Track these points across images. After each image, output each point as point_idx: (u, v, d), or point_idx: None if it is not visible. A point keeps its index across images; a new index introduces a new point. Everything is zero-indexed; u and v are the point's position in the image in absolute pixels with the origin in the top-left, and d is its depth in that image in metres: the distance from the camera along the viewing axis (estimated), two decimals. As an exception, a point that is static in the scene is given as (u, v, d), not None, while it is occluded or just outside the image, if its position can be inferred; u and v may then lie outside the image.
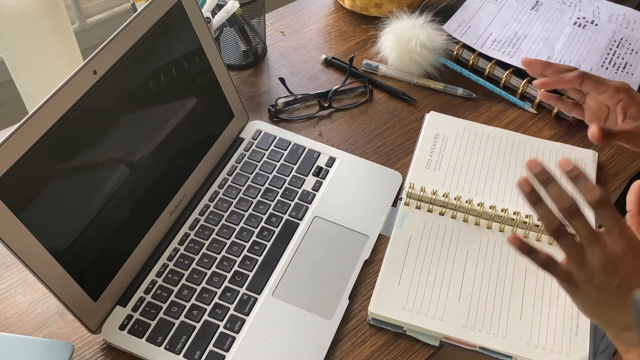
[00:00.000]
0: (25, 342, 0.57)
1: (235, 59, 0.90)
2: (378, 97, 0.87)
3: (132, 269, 0.64)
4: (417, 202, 0.72)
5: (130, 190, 0.63)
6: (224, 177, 0.74)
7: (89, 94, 0.57)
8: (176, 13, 0.67)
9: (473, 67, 0.90)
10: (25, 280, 0.66)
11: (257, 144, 0.78)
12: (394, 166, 0.78)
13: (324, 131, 0.82)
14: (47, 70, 0.78)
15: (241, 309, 0.63)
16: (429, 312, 0.63)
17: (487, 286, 0.65)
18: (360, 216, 0.72)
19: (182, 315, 0.63)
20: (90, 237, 0.59)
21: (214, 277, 0.65)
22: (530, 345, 0.61)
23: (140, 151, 0.64)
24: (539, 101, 0.85)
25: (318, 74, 0.90)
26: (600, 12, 0.94)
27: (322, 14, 1.00)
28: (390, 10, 0.93)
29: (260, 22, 0.88)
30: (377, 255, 0.69)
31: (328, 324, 0.63)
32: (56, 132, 0.54)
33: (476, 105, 0.86)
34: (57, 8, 0.74)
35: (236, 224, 0.70)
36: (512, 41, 0.89)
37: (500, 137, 0.80)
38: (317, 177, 0.75)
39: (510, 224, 0.70)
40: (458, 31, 0.91)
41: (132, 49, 0.61)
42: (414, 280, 0.65)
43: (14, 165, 0.51)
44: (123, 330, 0.61)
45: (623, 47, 0.89)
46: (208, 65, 0.72)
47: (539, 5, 0.95)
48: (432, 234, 0.69)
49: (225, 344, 0.61)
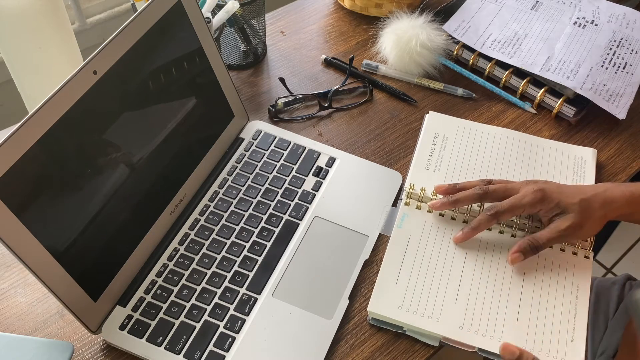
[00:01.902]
0: (25, 342, 0.57)
1: (235, 59, 0.90)
2: (378, 97, 0.87)
3: (132, 269, 0.64)
4: (417, 202, 0.72)
5: (130, 190, 0.63)
6: (224, 177, 0.74)
7: (89, 94, 0.57)
8: (176, 13, 0.67)
9: (473, 67, 0.90)
10: (25, 280, 0.66)
11: (257, 144, 0.78)
12: (394, 166, 0.78)
13: (324, 131, 0.82)
14: (47, 70, 0.77)
15: (241, 309, 0.63)
16: (425, 312, 0.63)
17: (484, 288, 0.65)
18: (360, 216, 0.72)
19: (182, 316, 0.62)
20: (90, 237, 0.59)
21: (214, 277, 0.65)
22: (525, 348, 0.60)
23: (140, 151, 0.64)
24: (539, 101, 0.85)
25: (318, 74, 0.90)
26: (600, 12, 0.94)
27: (322, 14, 1.00)
28: (390, 10, 0.93)
29: (260, 22, 0.88)
30: (377, 256, 0.69)
31: (328, 324, 0.63)
32: (56, 132, 0.54)
33: (476, 105, 0.86)
34: (57, 8, 0.74)
35: (236, 224, 0.70)
36: (512, 41, 0.89)
37: (501, 136, 0.80)
38: (317, 177, 0.75)
39: (510, 225, 0.70)
40: (458, 31, 0.91)
41: (132, 49, 0.61)
42: (411, 280, 0.65)
43: (14, 165, 0.51)
44: (123, 331, 0.61)
45: (623, 47, 0.89)
46: (208, 65, 0.72)
47: (538, 5, 0.95)
48: (432, 234, 0.69)
49: (225, 344, 0.61)
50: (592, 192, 0.66)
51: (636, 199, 0.66)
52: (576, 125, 0.84)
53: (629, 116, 0.82)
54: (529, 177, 0.75)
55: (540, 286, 0.65)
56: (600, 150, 0.80)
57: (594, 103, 0.82)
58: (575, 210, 0.64)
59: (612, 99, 0.83)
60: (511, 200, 0.66)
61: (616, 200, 0.65)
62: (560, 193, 0.66)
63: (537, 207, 0.65)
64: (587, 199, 0.65)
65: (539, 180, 0.68)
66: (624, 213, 0.66)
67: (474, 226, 0.67)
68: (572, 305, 0.64)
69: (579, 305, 0.64)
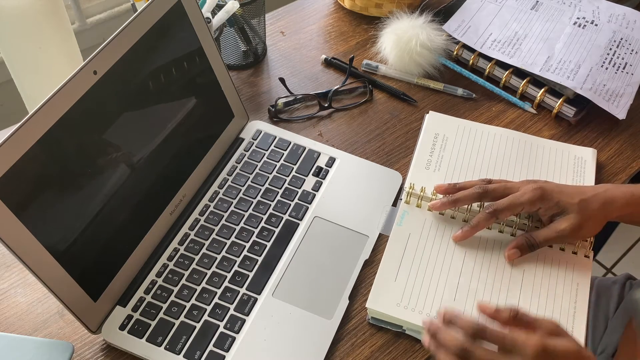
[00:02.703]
0: (26, 342, 0.57)
1: (235, 59, 0.90)
2: (378, 97, 0.87)
3: (132, 269, 0.64)
4: (418, 201, 0.72)
5: (130, 190, 0.63)
6: (224, 177, 0.74)
7: (89, 94, 0.57)
8: (176, 13, 0.67)
9: (473, 67, 0.90)
10: (25, 280, 0.66)
11: (257, 144, 0.78)
12: (394, 166, 0.78)
13: (324, 131, 0.82)
14: (47, 70, 0.78)
15: (241, 309, 0.63)
16: (423, 309, 0.63)
17: (483, 287, 0.65)
18: (360, 216, 0.72)
19: (182, 316, 0.63)
20: (90, 237, 0.59)
21: (214, 277, 0.65)
22: None
23: (140, 151, 0.64)
24: (539, 101, 0.85)
25: (318, 74, 0.90)
26: (600, 12, 0.94)
27: (322, 14, 1.00)
28: (390, 10, 0.93)
29: (260, 22, 0.88)
30: (377, 255, 0.69)
31: (328, 324, 0.63)
32: (56, 132, 0.54)
33: (476, 105, 0.86)
34: (57, 8, 0.74)
35: (236, 224, 0.70)
36: (512, 41, 0.89)
37: (500, 136, 0.80)
38: (317, 177, 0.75)
39: (510, 225, 0.70)
40: (458, 31, 0.91)
41: (132, 49, 0.61)
42: (410, 277, 0.65)
43: (14, 165, 0.51)
44: (123, 331, 0.61)
45: (623, 47, 0.89)
46: (208, 65, 0.73)
47: (538, 5, 0.95)
48: (431, 233, 0.69)
49: (225, 344, 0.61)
50: (592, 193, 0.66)
51: (636, 200, 0.65)
52: (576, 125, 0.84)
53: (629, 116, 0.82)
54: (529, 177, 0.75)
55: (540, 285, 0.65)
56: (600, 150, 0.80)
57: (594, 103, 0.82)
58: (574, 211, 0.64)
59: (612, 99, 0.83)
60: (510, 198, 0.66)
61: (616, 201, 0.65)
62: (560, 192, 0.66)
63: (537, 205, 0.65)
64: (586, 199, 0.65)
65: (539, 180, 0.68)
66: (624, 214, 0.66)
67: (473, 225, 0.67)
68: (571, 304, 0.64)
69: (579, 304, 0.64)
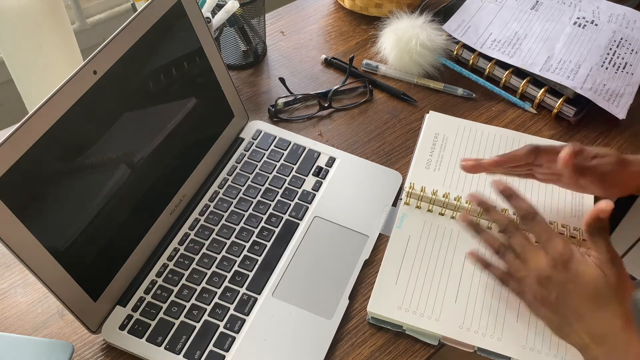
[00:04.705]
0: (25, 342, 0.57)
1: (235, 59, 0.90)
2: (378, 97, 0.87)
3: (132, 269, 0.64)
4: (417, 202, 0.72)
5: (130, 190, 0.63)
6: (224, 177, 0.74)
7: (89, 94, 0.57)
8: (176, 13, 0.67)
9: (473, 67, 0.90)
10: (25, 280, 0.66)
11: (257, 144, 0.78)
12: (394, 166, 0.78)
13: (324, 131, 0.82)
14: (47, 70, 0.78)
15: (241, 309, 0.63)
16: (425, 312, 0.63)
17: (484, 288, 0.65)
18: (360, 216, 0.72)
19: (182, 315, 0.63)
20: (90, 237, 0.59)
21: (214, 277, 0.65)
22: (525, 348, 0.60)
23: (140, 151, 0.64)
24: (539, 101, 0.85)
25: (318, 74, 0.90)
26: (600, 12, 0.94)
27: (322, 14, 1.00)
28: (390, 10, 0.93)
29: (260, 22, 0.88)
30: (377, 255, 0.69)
31: (328, 324, 0.63)
32: (56, 132, 0.54)
33: (476, 105, 0.86)
34: (57, 8, 0.74)
35: (236, 224, 0.70)
36: (512, 41, 0.89)
37: (500, 137, 0.80)
38: (317, 177, 0.75)
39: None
40: (458, 31, 0.91)
41: (132, 49, 0.61)
42: (411, 279, 0.65)
43: (14, 165, 0.51)
44: (123, 330, 0.61)
45: (623, 47, 0.89)
46: (208, 65, 0.73)
47: (538, 5, 0.95)
48: (431, 234, 0.69)
49: (225, 344, 0.61)
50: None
51: None
52: (576, 125, 0.84)
53: (629, 116, 0.82)
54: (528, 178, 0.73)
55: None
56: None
57: (594, 103, 0.82)
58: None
59: (612, 99, 0.83)
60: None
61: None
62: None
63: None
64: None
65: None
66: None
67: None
68: None
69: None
